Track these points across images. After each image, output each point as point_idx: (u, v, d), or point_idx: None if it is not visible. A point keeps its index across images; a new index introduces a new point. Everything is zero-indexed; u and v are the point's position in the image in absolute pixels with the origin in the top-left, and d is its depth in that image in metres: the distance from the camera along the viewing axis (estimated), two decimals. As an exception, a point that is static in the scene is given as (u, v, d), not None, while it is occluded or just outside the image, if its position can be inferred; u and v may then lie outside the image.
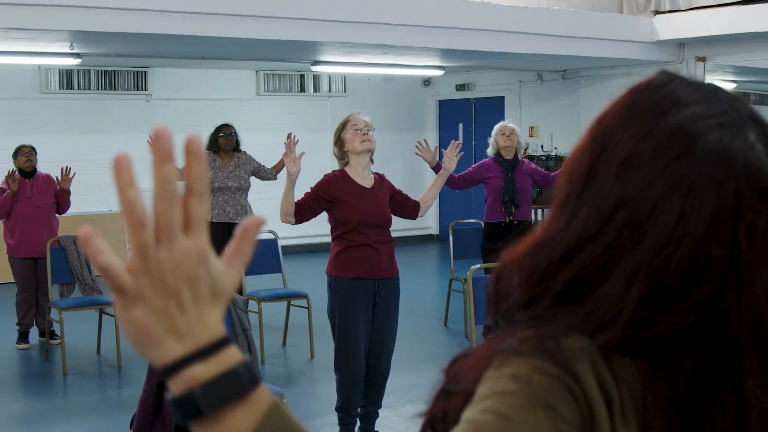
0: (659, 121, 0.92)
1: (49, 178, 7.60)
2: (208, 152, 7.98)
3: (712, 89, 0.95)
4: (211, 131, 8.05)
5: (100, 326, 7.25)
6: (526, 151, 11.76)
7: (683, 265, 0.88)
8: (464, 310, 7.65)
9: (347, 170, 4.89)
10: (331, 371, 4.98)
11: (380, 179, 4.98)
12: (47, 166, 7.86)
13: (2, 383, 6.58)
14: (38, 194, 7.49)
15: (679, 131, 0.91)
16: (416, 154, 6.28)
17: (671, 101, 0.93)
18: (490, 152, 7.30)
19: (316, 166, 9.07)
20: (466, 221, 8.77)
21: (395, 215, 5.01)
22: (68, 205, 7.62)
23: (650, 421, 0.89)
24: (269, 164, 8.10)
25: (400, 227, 6.54)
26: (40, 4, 6.82)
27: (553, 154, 12.43)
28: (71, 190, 7.57)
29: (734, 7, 9.41)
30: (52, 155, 9.43)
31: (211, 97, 12.45)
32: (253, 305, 6.99)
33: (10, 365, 7.12)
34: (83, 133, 11.61)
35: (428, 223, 14.27)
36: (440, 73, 12.59)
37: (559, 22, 9.54)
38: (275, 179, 8.11)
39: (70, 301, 7.21)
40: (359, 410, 4.98)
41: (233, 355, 0.77)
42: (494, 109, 13.48)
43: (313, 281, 8.38)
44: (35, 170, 7.56)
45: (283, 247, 7.84)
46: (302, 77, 13.28)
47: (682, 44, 10.41)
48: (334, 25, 8.23)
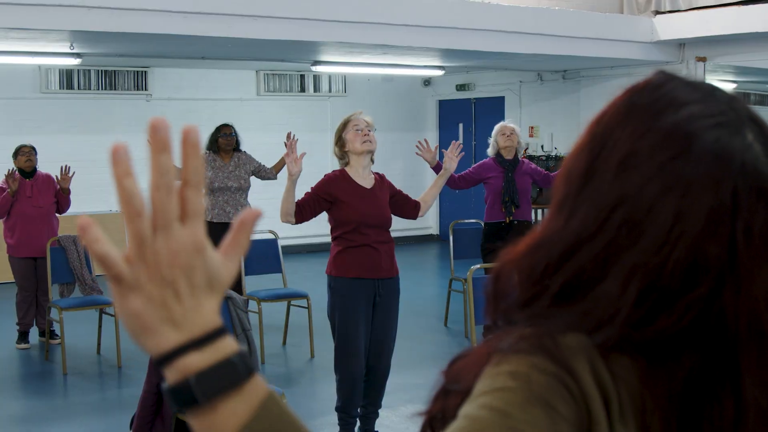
0: (657, 120, 0.92)
1: (49, 177, 7.60)
2: (208, 152, 7.97)
3: (709, 89, 0.96)
4: (211, 131, 8.04)
5: (100, 326, 7.25)
6: (526, 151, 11.76)
7: (681, 264, 0.88)
8: (464, 310, 7.65)
9: (347, 170, 4.89)
10: (331, 371, 4.98)
11: (380, 179, 4.98)
12: (47, 165, 7.86)
13: (2, 383, 6.58)
14: (38, 194, 7.49)
15: (676, 131, 0.91)
16: (416, 153, 6.27)
17: (669, 101, 0.93)
18: (490, 152, 7.30)
19: (316, 166, 9.07)
20: (466, 221, 8.77)
21: (395, 215, 5.01)
22: (68, 204, 7.62)
23: (648, 419, 0.90)
24: (269, 164, 8.10)
25: (400, 227, 6.54)
26: (40, 4, 6.83)
27: (553, 154, 12.43)
28: (71, 189, 7.58)
29: (734, 7, 9.41)
30: (52, 155, 9.43)
31: (211, 97, 12.46)
32: (253, 305, 6.99)
33: (10, 365, 7.12)
34: (83, 133, 11.62)
35: (428, 223, 14.27)
36: (440, 73, 12.58)
37: (559, 22, 9.54)
38: (275, 179, 8.10)
39: (70, 300, 7.21)
40: (359, 410, 4.98)
41: (229, 344, 0.78)
42: (494, 109, 13.48)
43: (313, 281, 8.38)
44: (35, 170, 7.57)
45: (283, 247, 7.84)
46: (302, 77, 13.28)
47: (682, 44, 10.41)
48: (334, 25, 8.23)
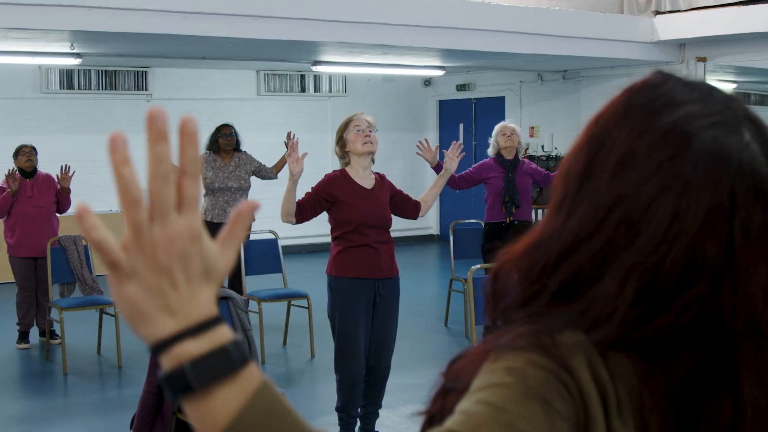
0: (654, 120, 0.92)
1: (49, 177, 7.60)
2: (208, 152, 7.97)
3: (707, 89, 0.96)
4: (211, 131, 8.04)
5: (100, 326, 7.25)
6: (526, 151, 11.76)
7: (678, 263, 0.88)
8: (465, 310, 7.65)
9: (348, 170, 4.88)
10: (331, 371, 4.98)
11: (381, 179, 4.98)
12: (48, 165, 7.87)
13: (2, 383, 6.58)
14: (39, 194, 7.49)
15: (674, 130, 0.91)
16: (417, 153, 6.27)
17: (666, 101, 0.94)
18: (490, 152, 7.30)
19: (316, 166, 9.07)
20: (466, 221, 8.77)
21: (396, 215, 5.00)
22: (69, 204, 7.62)
23: (647, 418, 0.90)
24: (270, 164, 8.10)
25: (400, 227, 6.55)
26: (40, 4, 6.82)
27: (553, 154, 12.42)
28: (72, 189, 7.58)
29: (735, 7, 9.40)
30: (52, 155, 9.43)
31: (211, 97, 12.46)
32: (253, 305, 6.99)
33: (10, 365, 7.11)
34: (84, 132, 11.62)
35: (429, 223, 14.27)
36: (441, 73, 12.58)
37: (559, 22, 9.53)
38: (276, 178, 8.11)
39: (70, 300, 7.21)
40: (359, 410, 4.98)
41: (224, 333, 0.78)
42: (495, 109, 13.48)
43: (313, 281, 8.38)
44: (36, 170, 7.57)
45: (283, 247, 7.84)
46: (303, 77, 13.28)
47: (682, 44, 10.41)
48: (334, 25, 8.23)
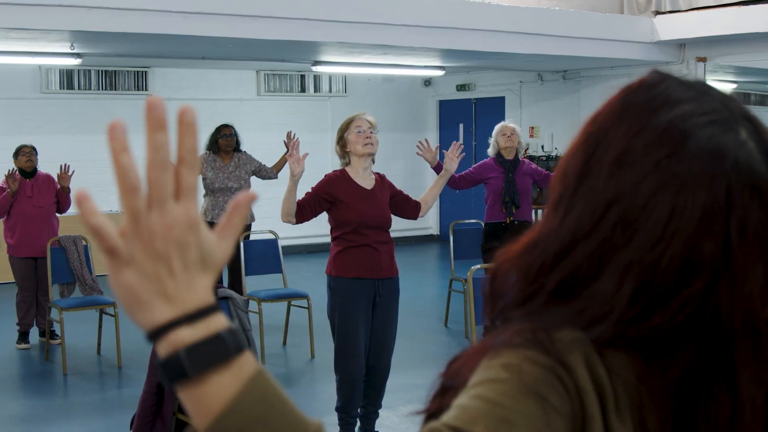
0: (651, 118, 0.93)
1: (49, 177, 7.60)
2: (208, 152, 7.98)
3: (703, 88, 0.96)
4: (211, 131, 8.05)
5: (100, 326, 7.25)
6: (526, 151, 11.76)
7: (675, 261, 0.89)
8: (465, 310, 7.65)
9: (348, 170, 4.88)
10: (331, 371, 4.97)
11: (381, 180, 4.97)
12: (48, 165, 7.86)
13: (2, 383, 6.58)
14: (39, 194, 7.49)
15: (670, 129, 0.92)
16: (417, 153, 6.27)
17: (663, 99, 0.94)
18: (490, 152, 7.30)
19: (316, 166, 9.06)
20: (466, 221, 8.77)
21: (396, 215, 5.00)
22: (69, 203, 7.62)
23: (645, 415, 0.90)
24: (270, 164, 8.10)
25: (400, 227, 6.55)
26: (40, 4, 6.82)
27: (553, 154, 12.42)
28: (71, 188, 7.58)
29: (735, 7, 9.40)
30: (52, 155, 9.42)
31: (211, 97, 12.45)
32: (253, 305, 6.99)
33: (10, 365, 7.11)
34: (84, 132, 11.62)
35: (429, 223, 14.27)
36: (441, 73, 12.58)
37: (559, 22, 9.53)
38: (276, 178, 8.11)
39: (70, 301, 7.21)
40: (359, 410, 4.98)
41: (220, 321, 0.79)
42: (495, 109, 13.48)
43: (313, 281, 8.37)
44: (36, 170, 7.57)
45: (283, 247, 7.84)
46: (303, 77, 13.28)
47: (682, 45, 10.41)
48: (334, 25, 8.23)
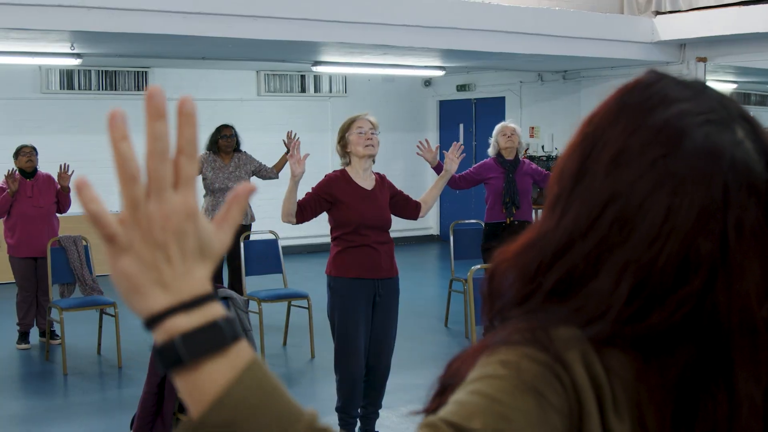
0: (647, 118, 0.93)
1: (49, 178, 7.60)
2: (208, 152, 7.98)
3: (700, 87, 0.97)
4: (211, 131, 8.05)
5: (100, 326, 7.25)
6: (526, 151, 11.76)
7: (672, 259, 0.89)
8: (465, 310, 7.65)
9: (348, 171, 4.88)
10: (331, 371, 4.97)
11: (381, 180, 4.97)
12: (48, 166, 7.86)
13: (2, 383, 6.58)
14: (39, 194, 7.49)
15: (667, 128, 0.92)
16: (417, 153, 6.27)
17: (659, 99, 0.94)
18: (491, 153, 7.30)
19: (316, 166, 9.06)
20: (466, 222, 8.77)
21: (396, 216, 5.00)
22: (69, 203, 7.62)
23: (644, 413, 0.90)
24: (270, 164, 8.10)
25: (400, 227, 6.55)
26: (40, 4, 6.82)
27: (553, 154, 12.42)
28: (72, 188, 7.57)
29: (735, 7, 9.40)
30: (52, 155, 9.42)
31: (211, 97, 12.45)
32: (253, 305, 6.99)
33: (10, 365, 7.11)
34: (84, 133, 11.62)
35: (429, 223, 14.27)
36: (441, 73, 12.58)
37: (559, 22, 9.53)
38: (277, 177, 8.10)
39: (70, 301, 7.21)
40: (359, 410, 4.98)
41: (216, 309, 0.79)
42: (495, 109, 13.48)
43: (313, 281, 8.37)
44: (36, 170, 7.57)
45: (283, 247, 7.84)
46: (303, 77, 13.28)
47: (682, 45, 10.40)
48: (334, 25, 8.23)
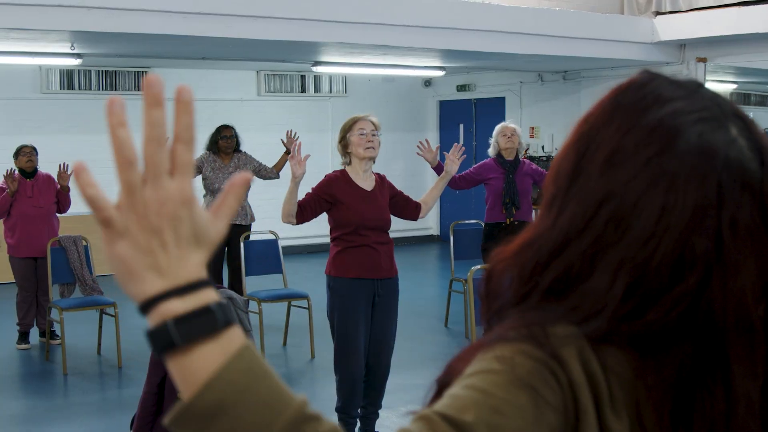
0: (641, 117, 0.94)
1: (50, 178, 7.60)
2: (208, 152, 7.98)
3: (694, 86, 0.97)
4: (211, 132, 8.04)
5: (100, 326, 7.25)
6: (526, 152, 11.76)
7: (667, 258, 0.89)
8: (465, 310, 7.65)
9: (348, 171, 4.88)
10: (331, 372, 4.97)
11: (381, 180, 4.97)
12: (48, 166, 7.86)
13: (2, 383, 6.58)
14: (39, 194, 7.49)
15: (660, 126, 0.92)
16: (417, 154, 6.27)
17: (653, 98, 0.95)
18: (491, 153, 7.30)
19: (316, 166, 9.04)
20: (466, 222, 8.77)
21: (396, 216, 5.00)
22: (69, 203, 7.62)
23: (642, 411, 0.91)
24: (270, 164, 8.09)
25: (400, 228, 6.54)
26: (40, 4, 6.82)
27: (554, 154, 12.42)
28: (72, 188, 7.57)
29: (735, 8, 9.40)
30: (52, 155, 9.41)
31: (211, 97, 12.44)
32: (253, 306, 6.99)
33: (10, 365, 7.11)
34: (84, 133, 11.61)
35: (429, 223, 14.26)
36: (441, 73, 12.58)
37: (559, 22, 9.53)
38: (278, 177, 8.09)
39: (70, 301, 7.21)
40: (359, 410, 4.98)
41: (210, 294, 0.80)
42: (495, 109, 13.48)
43: (313, 282, 8.37)
44: (36, 170, 7.57)
45: (283, 247, 7.84)
46: (303, 78, 13.27)
47: (682, 45, 10.40)
48: (334, 25, 8.23)
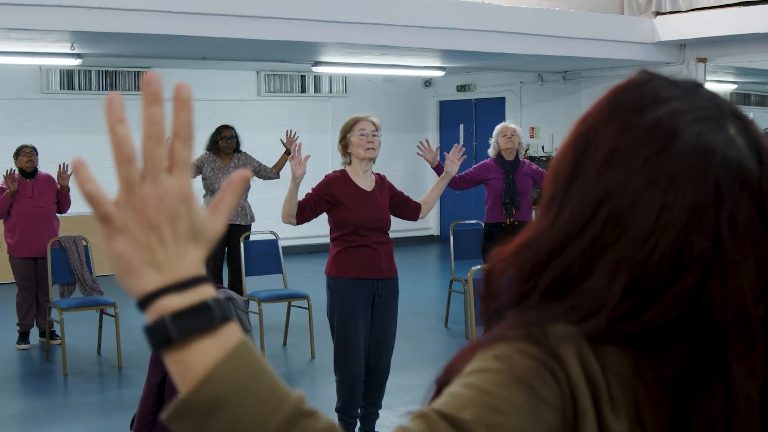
0: (639, 117, 0.94)
1: (50, 178, 7.60)
2: (208, 153, 7.98)
3: (691, 86, 0.97)
4: (211, 132, 8.04)
5: (100, 327, 7.25)
6: (527, 152, 11.76)
7: (666, 257, 0.89)
8: (465, 310, 7.65)
9: (348, 171, 4.88)
10: (331, 372, 4.97)
11: (381, 181, 4.97)
12: (48, 166, 7.86)
13: (2, 383, 6.58)
14: (39, 194, 7.49)
15: (658, 126, 0.92)
16: (418, 154, 6.27)
17: (651, 98, 0.95)
18: (491, 153, 7.29)
19: (316, 166, 9.02)
20: (466, 222, 8.77)
21: (396, 217, 5.00)
22: (69, 203, 7.62)
23: (641, 410, 0.91)
24: (270, 164, 8.08)
25: (400, 228, 6.53)
26: (40, 4, 6.82)
27: (554, 155, 12.40)
28: (72, 188, 7.57)
29: (735, 8, 9.40)
30: (53, 155, 9.40)
31: (211, 97, 12.44)
32: (253, 306, 6.99)
33: (10, 365, 7.11)
34: (84, 133, 11.61)
35: (429, 223, 14.26)
36: (441, 73, 12.58)
37: (559, 23, 9.53)
38: (278, 177, 8.09)
39: (70, 301, 7.21)
40: (359, 411, 4.98)
41: (208, 291, 0.81)
42: (495, 109, 13.48)
43: (313, 282, 8.37)
44: (36, 170, 7.57)
45: (283, 247, 7.84)
46: (303, 78, 13.27)
47: (682, 45, 10.40)
48: (334, 25, 8.23)
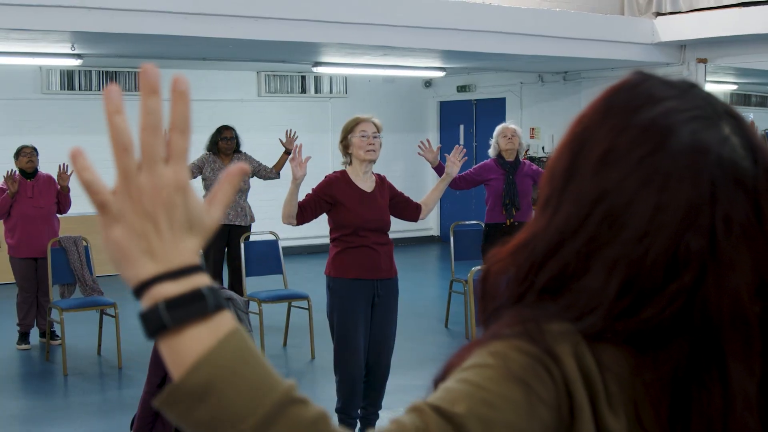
0: (634, 117, 0.94)
1: (50, 178, 7.60)
2: (208, 153, 7.98)
3: (686, 86, 0.98)
4: (211, 132, 8.04)
5: (100, 327, 7.25)
6: (527, 152, 11.76)
7: (661, 256, 0.90)
8: (465, 311, 7.65)
9: (348, 171, 4.88)
10: (331, 372, 4.97)
11: (381, 181, 4.97)
12: (48, 166, 7.86)
13: (2, 383, 6.58)
14: (39, 194, 7.49)
15: (653, 126, 0.93)
16: (418, 154, 6.28)
17: (645, 98, 0.96)
18: (491, 153, 7.30)
19: (317, 167, 9.00)
20: (466, 222, 8.77)
21: (396, 217, 5.00)
22: (69, 204, 7.62)
23: (640, 408, 0.91)
24: (270, 164, 8.08)
25: (400, 228, 6.53)
26: (40, 4, 6.83)
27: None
28: (72, 189, 7.57)
29: (735, 8, 9.40)
30: (53, 155, 9.38)
31: (211, 98, 12.43)
32: (253, 306, 6.99)
33: (10, 365, 7.12)
34: (84, 133, 11.58)
35: (429, 224, 14.26)
36: (441, 74, 12.58)
37: (559, 23, 9.53)
38: (278, 177, 8.08)
39: (70, 301, 7.21)
40: (359, 411, 4.98)
41: (202, 279, 0.82)
42: (495, 110, 13.48)
43: (313, 282, 8.37)
44: (36, 171, 7.57)
45: (283, 248, 7.84)
46: (303, 78, 13.28)
47: (683, 46, 10.40)
48: (335, 26, 8.23)
